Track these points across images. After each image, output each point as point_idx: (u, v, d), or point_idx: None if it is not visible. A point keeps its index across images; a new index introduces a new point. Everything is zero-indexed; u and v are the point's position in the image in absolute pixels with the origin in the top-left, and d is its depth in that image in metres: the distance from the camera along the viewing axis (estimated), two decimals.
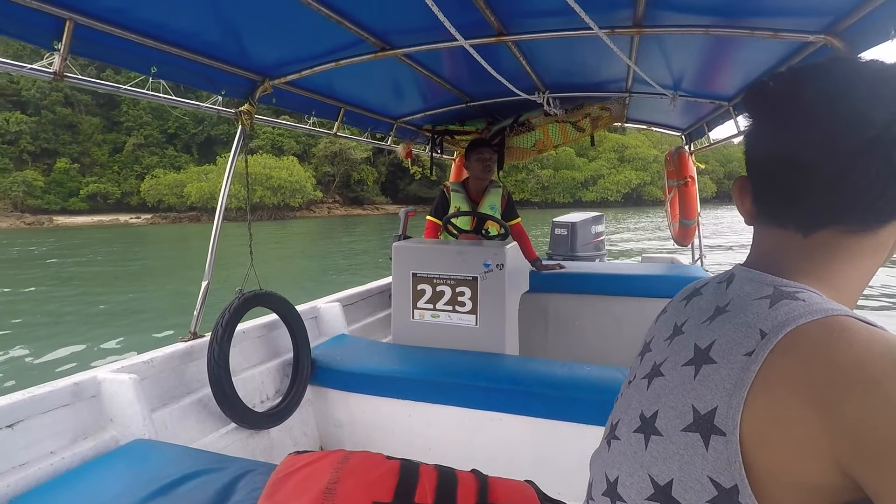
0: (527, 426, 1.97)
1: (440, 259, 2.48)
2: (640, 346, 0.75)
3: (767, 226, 0.62)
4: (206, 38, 1.83)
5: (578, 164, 58.07)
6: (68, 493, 1.28)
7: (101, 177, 45.02)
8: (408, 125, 3.59)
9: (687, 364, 0.57)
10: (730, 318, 0.56)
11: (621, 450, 0.63)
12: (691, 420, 0.52)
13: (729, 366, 0.51)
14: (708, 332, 0.57)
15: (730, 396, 0.49)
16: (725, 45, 2.08)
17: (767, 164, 0.60)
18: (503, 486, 1.18)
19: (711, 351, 0.54)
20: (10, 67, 1.47)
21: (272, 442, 2.12)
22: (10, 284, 13.13)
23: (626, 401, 0.68)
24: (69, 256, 19.26)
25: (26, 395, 1.44)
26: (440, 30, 1.78)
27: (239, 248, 2.19)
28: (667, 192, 4.61)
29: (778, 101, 0.58)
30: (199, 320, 2.10)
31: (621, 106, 3.28)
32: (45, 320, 9.31)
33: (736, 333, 0.53)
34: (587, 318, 3.38)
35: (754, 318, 0.52)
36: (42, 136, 43.48)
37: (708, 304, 0.63)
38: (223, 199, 2.25)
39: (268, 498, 1.12)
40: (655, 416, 0.58)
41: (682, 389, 0.55)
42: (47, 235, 29.46)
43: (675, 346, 0.62)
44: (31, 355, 7.29)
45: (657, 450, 0.56)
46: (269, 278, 2.18)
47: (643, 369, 0.67)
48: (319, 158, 49.26)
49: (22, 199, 40.40)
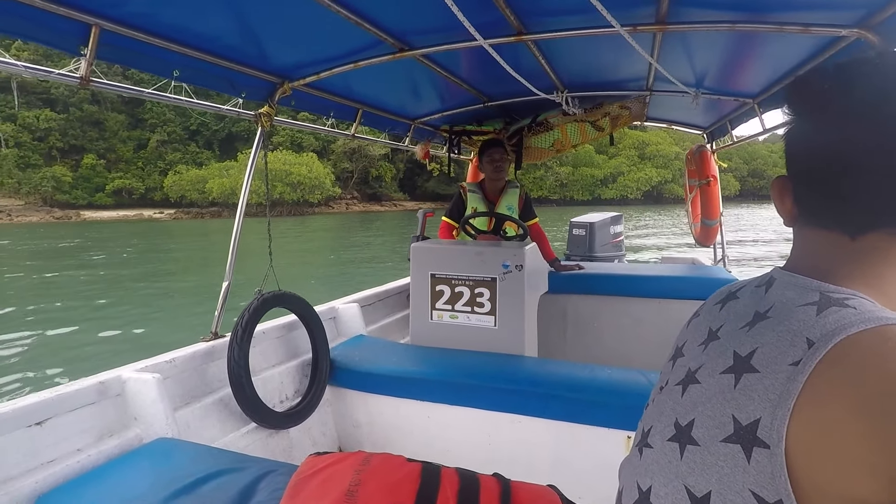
0: (546, 429, 1.95)
1: (459, 260, 2.47)
2: (671, 351, 0.72)
3: (810, 227, 0.59)
4: (228, 41, 1.85)
5: (598, 162, 57.55)
6: (95, 490, 1.31)
7: (126, 172, 46.32)
8: (425, 126, 3.58)
9: (726, 372, 0.54)
10: (772, 324, 0.53)
11: (654, 458, 0.61)
12: (731, 431, 0.50)
13: (773, 376, 0.48)
14: (748, 338, 0.55)
15: (774, 408, 0.47)
16: (751, 40, 2.03)
17: (811, 163, 0.58)
18: (526, 490, 1.16)
19: (753, 359, 0.52)
20: (38, 73, 1.50)
21: (291, 442, 2.14)
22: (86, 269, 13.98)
23: (659, 407, 0.65)
24: (108, 250, 20.03)
25: (54, 393, 1.47)
26: (459, 30, 1.76)
27: (260, 244, 2.22)
28: (688, 192, 4.52)
29: (824, 98, 0.56)
30: (219, 320, 2.12)
31: (641, 104, 3.23)
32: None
33: (780, 342, 0.50)
34: (606, 320, 3.34)
35: (800, 325, 0.50)
36: (70, 132, 44.86)
37: (746, 309, 0.60)
38: (243, 201, 2.27)
39: (290, 499, 1.13)
40: (692, 425, 0.56)
41: (720, 398, 0.53)
42: (79, 230, 30.37)
43: (710, 352, 0.60)
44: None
45: (694, 460, 0.54)
46: (289, 276, 2.19)
47: (676, 375, 0.65)
48: (338, 155, 49.77)
49: (51, 194, 41.75)
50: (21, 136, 42.17)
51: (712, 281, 3.17)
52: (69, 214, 40.85)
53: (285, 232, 25.25)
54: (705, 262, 4.33)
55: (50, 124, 43.40)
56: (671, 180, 56.64)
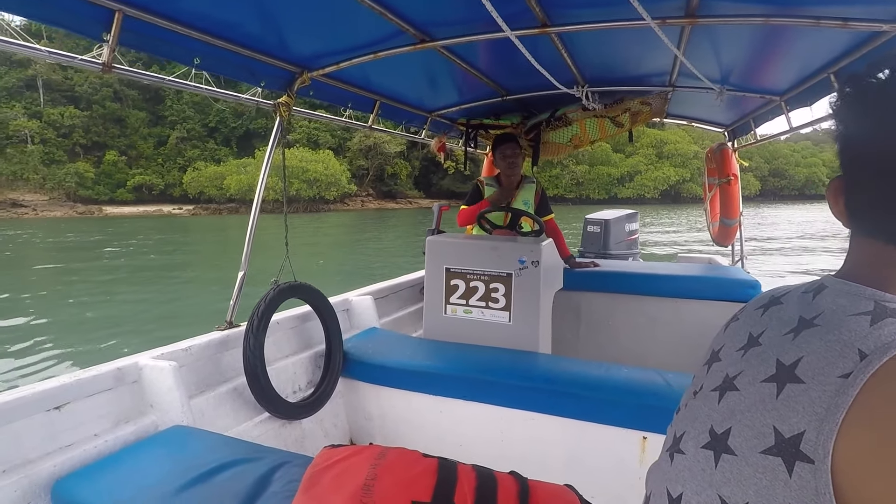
0: (560, 427, 1.92)
1: (474, 254, 2.45)
2: (707, 355, 0.70)
3: (861, 233, 0.56)
4: (249, 29, 1.84)
5: (615, 160, 56.94)
6: (112, 476, 1.32)
7: (147, 169, 47.17)
8: (442, 118, 3.56)
9: (767, 381, 0.52)
10: (820, 333, 0.50)
11: (686, 465, 0.59)
12: (772, 443, 0.47)
13: (820, 388, 0.46)
14: (793, 346, 0.52)
15: (821, 422, 0.44)
16: (781, 35, 1.97)
17: (858, 164, 0.54)
18: (544, 490, 1.15)
19: (798, 369, 0.49)
20: (61, 58, 1.50)
21: (304, 432, 2.15)
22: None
23: (693, 413, 0.63)
24: (140, 243, 20.78)
25: (72, 378, 1.48)
26: (481, 21, 1.73)
27: (276, 240, 2.23)
28: (707, 191, 4.45)
29: (878, 95, 0.52)
30: (234, 310, 2.13)
31: (663, 101, 3.17)
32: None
33: (829, 352, 0.47)
34: (621, 318, 3.30)
35: (851, 335, 0.47)
36: (93, 129, 45.95)
37: (790, 315, 0.57)
38: (260, 190, 2.27)
39: (305, 491, 1.13)
40: (728, 434, 0.53)
41: (761, 408, 0.51)
42: (103, 224, 31.10)
43: (751, 358, 0.57)
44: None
45: (730, 470, 0.51)
46: (306, 271, 2.23)
47: (712, 380, 0.62)
48: (354, 152, 50.06)
49: (74, 190, 42.79)
50: (46, 132, 43.23)
51: (730, 282, 3.12)
52: (91, 210, 41.79)
53: (301, 228, 25.70)
54: (722, 263, 4.26)
55: (74, 121, 44.46)
56: (689, 179, 55.79)
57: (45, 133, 43.14)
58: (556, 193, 54.04)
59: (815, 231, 22.42)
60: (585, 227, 5.69)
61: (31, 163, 41.52)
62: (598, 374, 2.01)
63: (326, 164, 44.98)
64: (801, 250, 17.17)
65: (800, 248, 17.88)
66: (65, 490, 1.28)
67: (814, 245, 18.65)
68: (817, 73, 2.30)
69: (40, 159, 42.16)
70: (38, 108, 44.18)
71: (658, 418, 1.76)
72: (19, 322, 8.51)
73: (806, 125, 2.73)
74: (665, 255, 15.42)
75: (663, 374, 1.97)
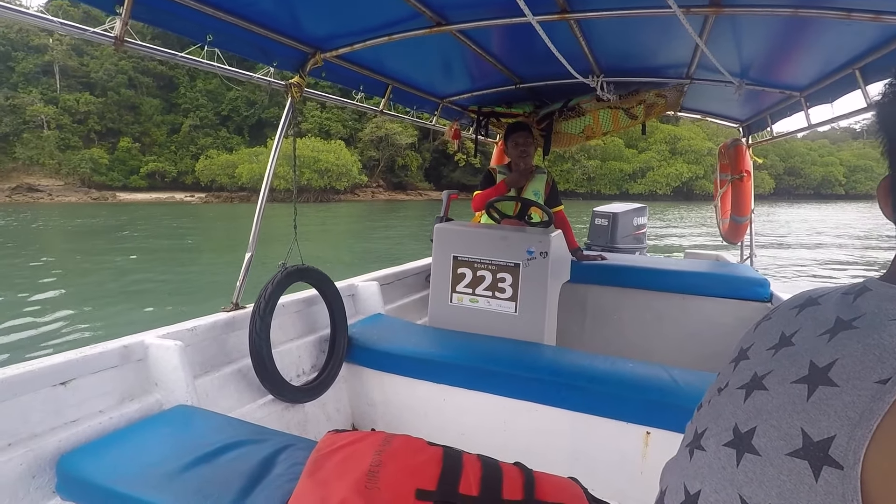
0: (565, 419, 1.91)
1: (483, 243, 2.43)
2: (734, 352, 0.68)
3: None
4: (262, 7, 1.81)
5: (627, 156, 56.30)
6: (116, 452, 1.32)
7: (160, 156, 47.63)
8: (453, 105, 3.52)
9: (798, 382, 0.50)
10: (859, 335, 0.48)
11: (707, 462, 0.57)
12: (800, 445, 0.45)
13: (855, 392, 0.44)
14: (828, 348, 0.50)
15: (853, 427, 0.42)
16: (807, 28, 1.91)
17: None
18: (549, 482, 1.14)
19: (832, 371, 0.47)
20: (74, 31, 1.48)
21: (307, 416, 2.15)
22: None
23: (716, 410, 0.61)
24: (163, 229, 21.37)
25: (79, 354, 1.48)
26: (499, 5, 1.68)
27: (287, 229, 2.23)
28: (718, 187, 4.39)
29: None
30: (241, 291, 2.12)
31: (678, 93, 3.12)
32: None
33: (866, 355, 0.45)
34: (627, 312, 3.28)
35: (893, 340, 0.45)
36: (108, 116, 46.48)
37: (827, 316, 0.55)
38: (269, 172, 2.26)
39: (310, 475, 1.12)
40: (753, 433, 0.52)
41: (790, 409, 0.49)
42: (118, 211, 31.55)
43: (781, 358, 0.55)
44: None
45: (752, 470, 0.50)
46: (316, 260, 2.26)
47: (739, 378, 0.60)
48: (365, 143, 50.04)
49: (88, 176, 43.30)
50: (62, 118, 43.74)
51: (738, 279, 3.09)
52: (105, 196, 42.28)
53: (312, 216, 26.04)
54: (730, 260, 4.21)
55: (89, 107, 44.93)
56: (703, 176, 55.03)
57: (61, 119, 43.68)
58: (567, 188, 53.61)
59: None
60: (593, 219, 5.67)
61: (48, 148, 42.04)
62: (604, 367, 1.99)
63: (338, 154, 44.93)
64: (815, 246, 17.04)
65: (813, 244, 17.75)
66: (70, 465, 1.29)
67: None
68: (842, 69, 2.23)
69: (56, 145, 42.68)
70: (55, 94, 44.68)
71: (662, 414, 1.75)
72: (51, 295, 9.01)
73: (826, 122, 2.67)
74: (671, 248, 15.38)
75: (669, 370, 1.95)
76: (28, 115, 42.01)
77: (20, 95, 42.51)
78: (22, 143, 41.74)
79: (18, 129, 41.88)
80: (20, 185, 40.53)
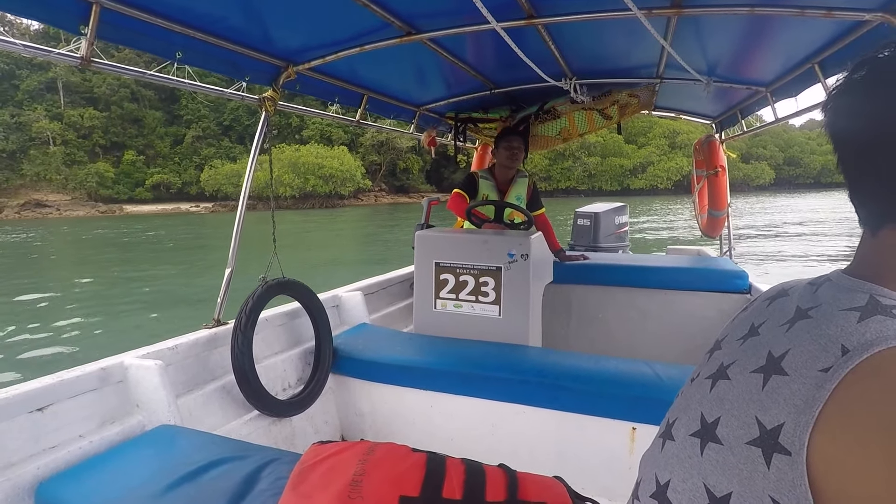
0: (551, 419, 1.93)
1: (464, 248, 2.44)
2: (711, 344, 0.70)
3: (859, 223, 0.55)
4: (231, 22, 1.81)
5: (627, 152, 56.40)
6: (97, 477, 1.30)
7: (164, 168, 48.10)
8: (431, 113, 3.54)
9: (756, 371, 0.52)
10: (811, 325, 0.50)
11: (674, 452, 0.59)
12: (756, 434, 0.47)
13: (801, 380, 0.46)
14: (784, 339, 0.52)
15: (798, 414, 0.44)
16: (766, 26, 1.97)
17: (868, 151, 0.53)
18: (532, 481, 1.15)
19: (784, 361, 0.49)
20: (38, 52, 1.47)
21: (294, 430, 2.14)
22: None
23: (686, 400, 0.63)
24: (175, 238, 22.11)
25: (55, 378, 1.46)
26: (467, 13, 1.70)
27: (298, 236, 2.23)
28: (695, 183, 4.47)
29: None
30: (222, 307, 2.12)
31: (650, 93, 3.17)
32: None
33: (814, 345, 0.47)
34: (611, 310, 3.31)
35: (838, 330, 0.47)
36: (112, 130, 47.00)
37: (790, 306, 0.57)
38: (247, 187, 2.26)
39: (293, 488, 1.12)
40: (717, 423, 0.53)
41: (748, 398, 0.51)
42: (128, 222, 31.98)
43: (747, 348, 0.57)
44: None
45: (716, 459, 0.51)
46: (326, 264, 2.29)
47: (709, 368, 0.62)
48: (366, 148, 50.55)
49: (95, 189, 43.70)
50: (67, 133, 44.25)
51: (718, 272, 3.13)
52: (112, 209, 42.62)
53: (318, 221, 26.48)
54: (711, 254, 4.26)
55: (93, 122, 45.49)
56: None
57: (67, 134, 44.16)
58: (568, 185, 53.81)
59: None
60: (575, 220, 5.74)
61: (54, 164, 42.46)
62: (588, 366, 2.01)
63: (341, 159, 45.59)
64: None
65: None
66: (49, 492, 1.27)
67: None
68: (802, 64, 2.30)
69: (62, 160, 43.15)
70: (59, 110, 45.23)
71: (647, 409, 1.77)
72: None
73: (791, 116, 2.75)
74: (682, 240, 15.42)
75: (652, 366, 1.97)
76: (34, 131, 42.56)
77: (25, 113, 43.15)
78: (29, 159, 42.24)
79: (25, 146, 42.41)
80: (28, 202, 40.94)
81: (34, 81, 44.70)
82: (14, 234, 24.52)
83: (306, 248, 16.19)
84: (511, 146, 2.95)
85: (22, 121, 42.64)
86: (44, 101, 45.23)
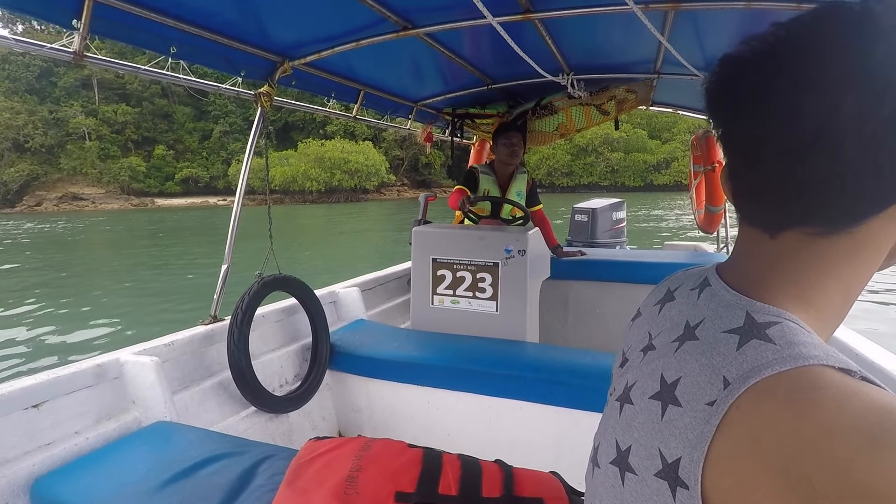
0: (549, 415, 1.93)
1: (461, 244, 2.43)
2: (619, 355, 0.68)
3: (742, 221, 0.53)
4: (226, 17, 1.80)
5: (650, 147, 55.24)
6: (93, 473, 1.30)
7: (193, 162, 49.27)
8: (428, 108, 3.52)
9: (654, 398, 0.50)
10: (698, 351, 0.48)
11: (601, 481, 0.58)
12: (660, 466, 0.47)
13: (692, 414, 0.45)
14: (675, 361, 0.50)
15: (692, 448, 0.43)
16: (763, 20, 1.93)
17: (726, 142, 0.52)
18: (528, 477, 1.15)
19: (677, 390, 0.48)
20: (29, 47, 1.46)
21: (291, 426, 2.14)
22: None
23: (604, 424, 0.62)
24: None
25: (51, 375, 1.46)
26: (463, 7, 1.68)
27: (330, 228, 2.25)
28: (692, 178, 4.46)
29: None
30: (219, 304, 2.11)
31: (648, 88, 3.15)
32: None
33: (700, 376, 0.46)
34: (608, 306, 3.30)
35: (720, 360, 0.45)
36: (143, 125, 48.56)
37: (679, 318, 0.55)
38: (243, 181, 2.27)
39: (289, 484, 1.12)
40: (629, 452, 0.52)
41: (650, 428, 0.50)
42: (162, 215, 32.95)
43: (645, 366, 0.56)
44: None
45: (634, 490, 0.51)
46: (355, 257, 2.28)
47: (618, 388, 0.60)
48: (389, 143, 50.98)
49: (128, 183, 45.14)
50: (101, 129, 45.72)
51: None
52: (144, 202, 44.13)
53: (346, 215, 27.26)
54: (708, 250, 4.24)
55: (126, 118, 46.91)
56: None
57: (101, 130, 45.69)
58: (590, 181, 53.18)
59: None
60: (573, 216, 5.72)
61: (89, 158, 44.02)
62: (585, 361, 2.00)
63: (367, 154, 46.16)
64: None
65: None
66: (44, 489, 1.27)
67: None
68: None
69: (97, 154, 44.72)
70: (94, 106, 46.77)
71: None
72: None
73: None
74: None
75: None
76: (71, 127, 44.23)
77: (63, 109, 44.85)
78: (66, 154, 43.90)
79: (62, 141, 44.08)
80: (66, 195, 42.74)
81: (70, 78, 46.20)
82: (60, 225, 25.85)
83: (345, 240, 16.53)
84: (510, 142, 2.95)
85: (60, 116, 44.54)
86: (79, 98, 47.03)
